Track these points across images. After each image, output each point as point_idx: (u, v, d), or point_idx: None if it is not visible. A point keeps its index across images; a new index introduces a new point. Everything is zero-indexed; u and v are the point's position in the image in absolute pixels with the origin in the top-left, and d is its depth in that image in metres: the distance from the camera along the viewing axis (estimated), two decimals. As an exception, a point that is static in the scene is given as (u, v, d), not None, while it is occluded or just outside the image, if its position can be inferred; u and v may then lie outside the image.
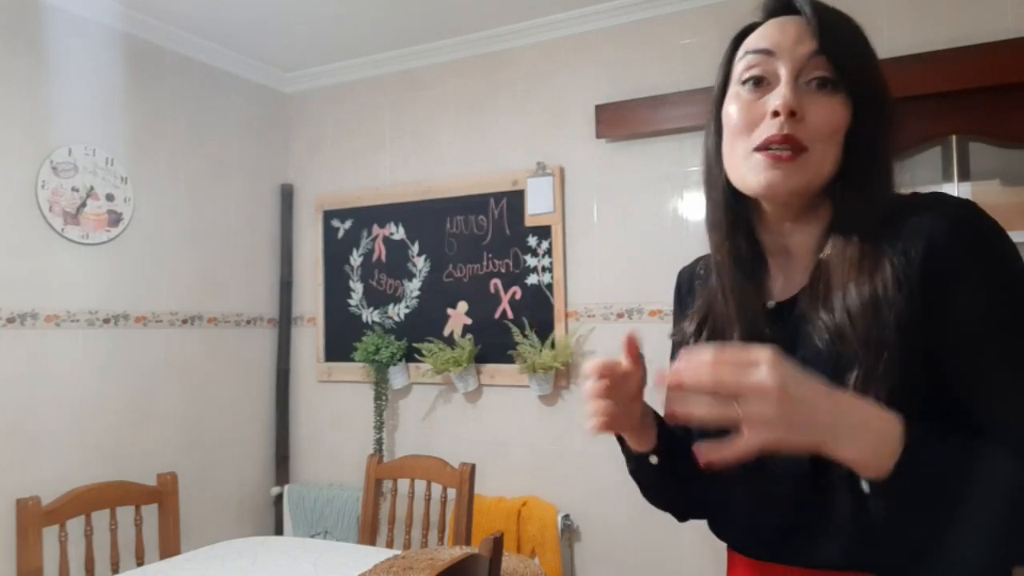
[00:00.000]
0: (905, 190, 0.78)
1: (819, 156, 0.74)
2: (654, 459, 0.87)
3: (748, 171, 0.77)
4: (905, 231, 0.71)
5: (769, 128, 0.74)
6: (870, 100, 0.75)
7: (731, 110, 0.79)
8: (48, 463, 2.35)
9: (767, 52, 0.76)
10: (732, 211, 0.84)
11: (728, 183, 0.82)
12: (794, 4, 0.78)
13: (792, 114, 0.73)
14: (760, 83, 0.77)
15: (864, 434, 0.61)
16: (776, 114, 0.74)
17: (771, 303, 0.83)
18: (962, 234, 0.70)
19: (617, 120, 2.61)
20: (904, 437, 0.62)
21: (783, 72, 0.75)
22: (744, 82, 0.78)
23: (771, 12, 0.80)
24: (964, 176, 2.24)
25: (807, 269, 0.79)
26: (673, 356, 0.94)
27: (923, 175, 2.31)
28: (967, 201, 0.73)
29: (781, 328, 0.80)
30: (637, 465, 0.90)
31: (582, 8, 2.65)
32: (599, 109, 2.64)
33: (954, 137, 2.23)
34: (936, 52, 2.15)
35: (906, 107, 0.79)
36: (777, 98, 0.74)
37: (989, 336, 0.68)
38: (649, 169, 2.60)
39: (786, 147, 0.74)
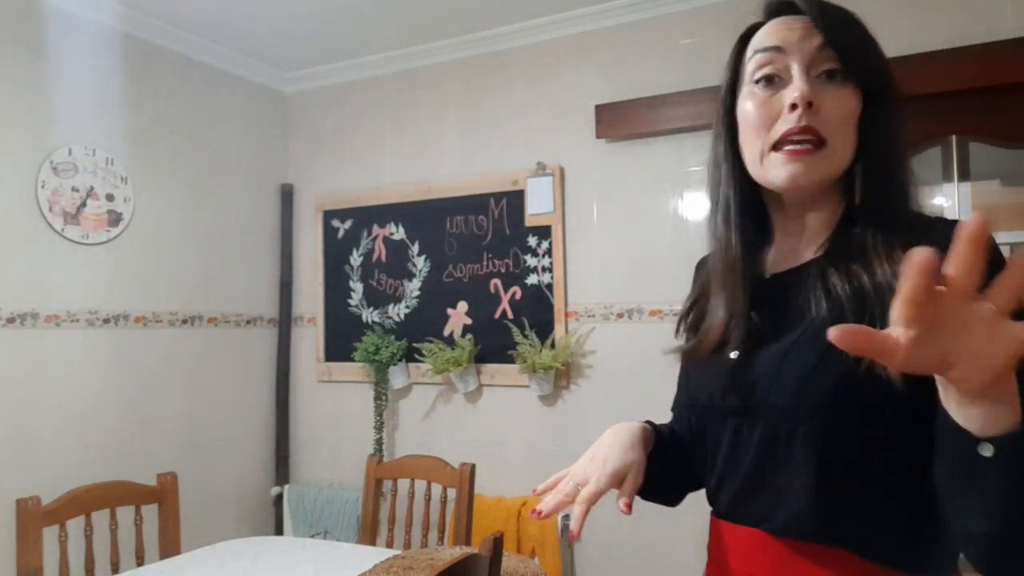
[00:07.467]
0: (922, 192, 0.80)
1: (839, 147, 0.77)
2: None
3: (770, 167, 0.79)
4: (929, 242, 0.71)
5: (787, 122, 0.77)
6: (879, 88, 0.78)
7: (747, 107, 0.81)
8: (48, 463, 2.35)
9: (777, 49, 0.79)
10: (745, 205, 0.87)
11: (742, 178, 0.85)
12: (796, 3, 0.80)
13: (809, 105, 0.75)
14: (772, 81, 0.79)
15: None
16: (794, 107, 0.76)
17: (768, 274, 0.86)
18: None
19: (617, 120, 2.61)
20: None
21: (795, 67, 0.77)
22: (757, 81, 0.80)
23: (773, 12, 0.83)
24: (964, 176, 2.24)
25: (814, 245, 0.82)
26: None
27: (923, 175, 2.31)
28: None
29: (771, 298, 0.83)
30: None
31: (582, 8, 2.65)
32: (599, 109, 2.64)
33: (954, 137, 2.23)
34: (936, 52, 2.15)
35: (906, 107, 0.80)
36: (794, 91, 0.76)
37: None
38: (649, 169, 2.60)
39: (806, 139, 0.76)
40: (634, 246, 2.62)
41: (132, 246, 2.65)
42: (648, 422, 0.95)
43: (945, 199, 2.26)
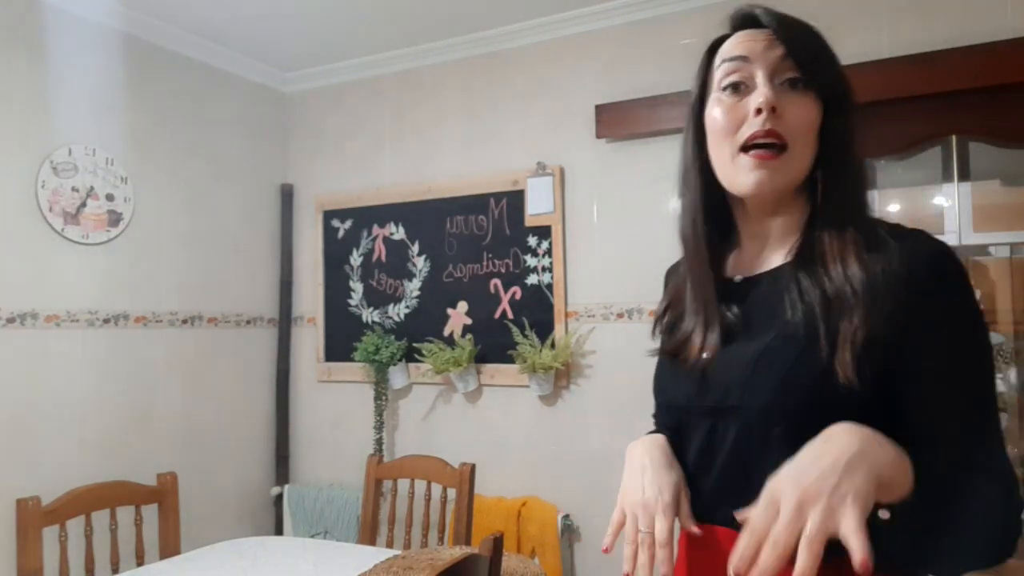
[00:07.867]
0: (893, 196, 0.85)
1: (799, 153, 0.81)
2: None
3: (737, 172, 0.84)
4: (886, 249, 0.77)
5: (752, 126, 0.81)
6: (837, 97, 0.82)
7: (715, 113, 0.86)
8: (48, 463, 2.35)
9: (743, 58, 0.84)
10: (711, 209, 0.91)
11: (708, 184, 0.89)
12: (759, 18, 0.85)
13: (773, 110, 0.79)
14: (738, 88, 0.84)
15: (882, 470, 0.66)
16: (759, 111, 0.80)
17: (738, 278, 0.90)
18: (939, 267, 0.76)
19: (617, 120, 2.61)
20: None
21: (759, 75, 0.82)
22: (724, 88, 0.85)
23: (739, 25, 0.88)
24: (964, 176, 2.24)
25: (782, 249, 0.86)
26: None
27: (923, 175, 2.31)
28: (944, 243, 0.79)
29: (742, 301, 0.87)
30: None
31: (582, 8, 2.65)
32: (599, 109, 2.64)
33: (954, 137, 2.22)
34: (936, 52, 2.15)
35: (906, 107, 0.84)
36: (759, 97, 0.81)
37: (946, 363, 0.75)
38: (649, 169, 2.60)
39: (770, 142, 0.80)
40: (634, 246, 2.61)
41: (132, 246, 2.65)
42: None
43: (945, 199, 2.26)
